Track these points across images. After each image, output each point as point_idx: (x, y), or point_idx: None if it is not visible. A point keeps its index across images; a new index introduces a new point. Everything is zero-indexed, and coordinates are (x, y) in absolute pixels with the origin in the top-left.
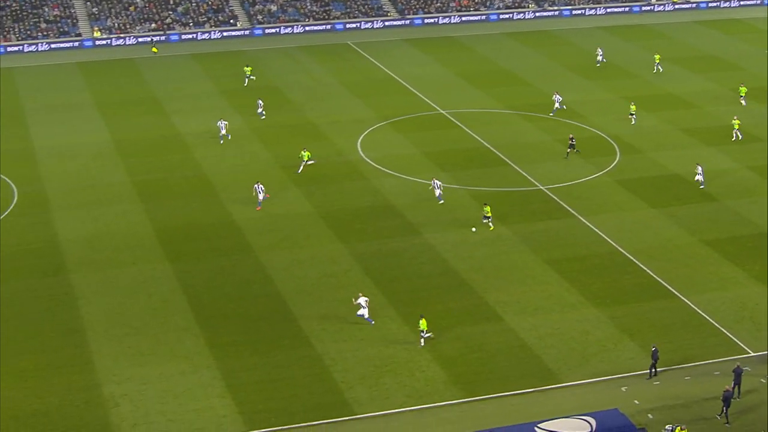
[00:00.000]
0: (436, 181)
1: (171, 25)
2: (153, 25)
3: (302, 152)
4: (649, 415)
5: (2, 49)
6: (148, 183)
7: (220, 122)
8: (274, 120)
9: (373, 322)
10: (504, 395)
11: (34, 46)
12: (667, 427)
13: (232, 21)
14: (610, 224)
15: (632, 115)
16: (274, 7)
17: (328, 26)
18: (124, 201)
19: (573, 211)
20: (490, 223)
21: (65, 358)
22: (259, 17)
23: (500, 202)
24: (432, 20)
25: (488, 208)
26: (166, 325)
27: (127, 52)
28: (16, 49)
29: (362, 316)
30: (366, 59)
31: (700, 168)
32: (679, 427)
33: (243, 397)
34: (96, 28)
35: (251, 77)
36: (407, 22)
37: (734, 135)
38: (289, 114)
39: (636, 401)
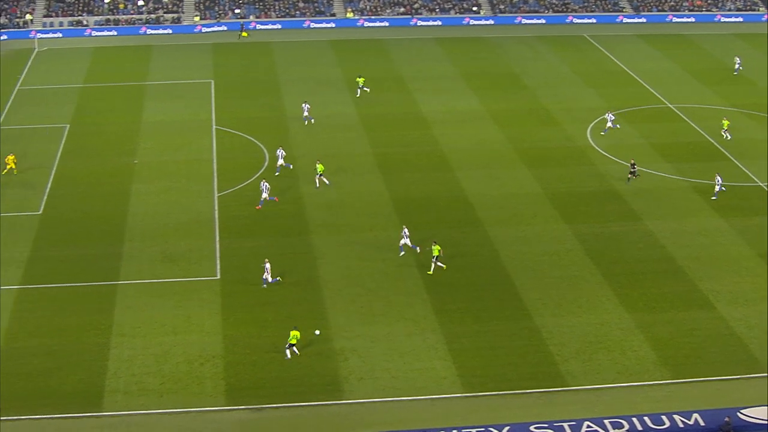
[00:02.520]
0: (405, 230)
1: (418, 10)
2: (402, 9)
3: (317, 164)
4: None
5: (262, 25)
6: (388, 155)
7: (304, 105)
8: (509, 104)
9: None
10: (710, 380)
11: (290, 24)
12: None
13: (475, 9)
14: None
15: None
16: None
17: (566, 18)
18: (365, 171)
19: None
20: (440, 263)
21: (302, 311)
22: (501, 6)
23: (720, 195)
24: (665, 17)
25: (437, 248)
26: (396, 288)
27: (377, 32)
28: (274, 26)
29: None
30: (600, 51)
31: (718, 178)
32: None
33: (463, 361)
34: (349, 9)
35: (365, 89)
36: (641, 18)
37: None
38: (524, 99)
39: None
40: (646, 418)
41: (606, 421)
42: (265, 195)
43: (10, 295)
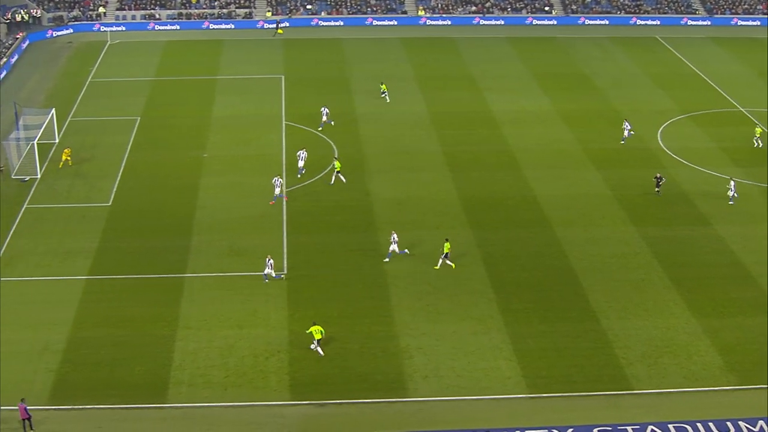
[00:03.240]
0: (394, 235)
1: (490, 9)
2: (473, 7)
3: (334, 162)
4: None
5: (333, 22)
6: (457, 154)
7: (323, 108)
8: (579, 104)
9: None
10: None
11: (362, 21)
12: None
13: (547, 9)
14: None
15: None
16: None
17: (630, 20)
18: (434, 169)
19: None
20: (448, 261)
21: (368, 308)
22: (573, 6)
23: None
24: (738, 20)
25: (448, 245)
26: (462, 287)
27: (448, 31)
28: (337, 22)
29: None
30: (671, 53)
31: (732, 183)
32: None
33: (528, 361)
34: (421, 7)
35: (385, 95)
36: (714, 21)
37: None
38: (594, 100)
39: None
40: (711, 424)
41: (671, 426)
42: (277, 191)
43: (78, 286)
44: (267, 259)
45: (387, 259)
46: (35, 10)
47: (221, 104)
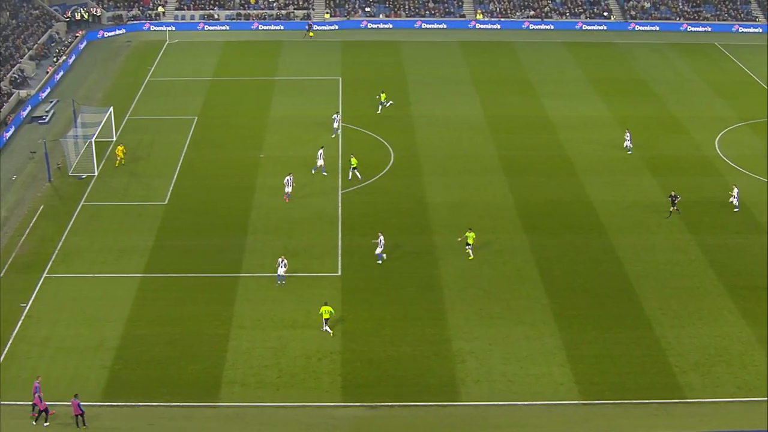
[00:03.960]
0: (381, 238)
1: (548, 14)
2: (532, 12)
3: (351, 158)
4: None
5: (393, 24)
6: (514, 158)
7: (334, 115)
8: (637, 111)
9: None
10: None
11: (420, 23)
12: None
13: (606, 14)
14: None
15: None
16: (647, 4)
17: (698, 26)
18: (489, 173)
19: None
20: (470, 250)
21: (421, 311)
22: (632, 12)
23: None
24: None
25: (472, 235)
26: (516, 292)
27: (506, 35)
28: (393, 25)
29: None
30: (731, 61)
31: (736, 190)
32: None
33: (581, 368)
34: (479, 11)
35: (386, 104)
36: (757, 27)
37: None
38: (652, 106)
39: None
40: None
41: None
42: (288, 189)
43: (133, 283)
44: (280, 260)
45: (380, 261)
46: (95, 9)
47: (279, 105)
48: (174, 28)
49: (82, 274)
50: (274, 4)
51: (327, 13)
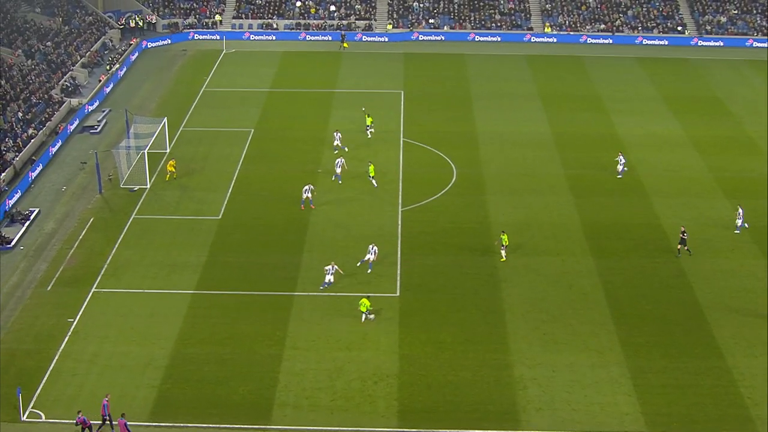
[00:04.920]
0: (375, 248)
1: (620, 28)
2: (602, 26)
3: (369, 165)
4: None
5: (425, 36)
6: (581, 177)
7: (335, 133)
8: (711, 130)
9: (324, 286)
10: None
11: (487, 36)
12: None
13: (680, 29)
14: None
15: None
16: (723, 19)
17: (746, 41)
18: (556, 192)
19: None
20: (503, 251)
21: (482, 335)
22: (708, 27)
23: None
24: None
25: (505, 237)
26: (582, 317)
27: (575, 49)
28: (437, 37)
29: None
30: None
31: (740, 210)
32: None
33: (648, 398)
34: (547, 24)
35: (370, 128)
36: None
37: None
38: (728, 125)
39: None
40: None
41: None
42: (308, 195)
43: (184, 300)
44: (330, 267)
45: (369, 270)
46: (151, 17)
47: (337, 118)
48: (218, 37)
49: (131, 289)
50: (335, 15)
51: (390, 24)
